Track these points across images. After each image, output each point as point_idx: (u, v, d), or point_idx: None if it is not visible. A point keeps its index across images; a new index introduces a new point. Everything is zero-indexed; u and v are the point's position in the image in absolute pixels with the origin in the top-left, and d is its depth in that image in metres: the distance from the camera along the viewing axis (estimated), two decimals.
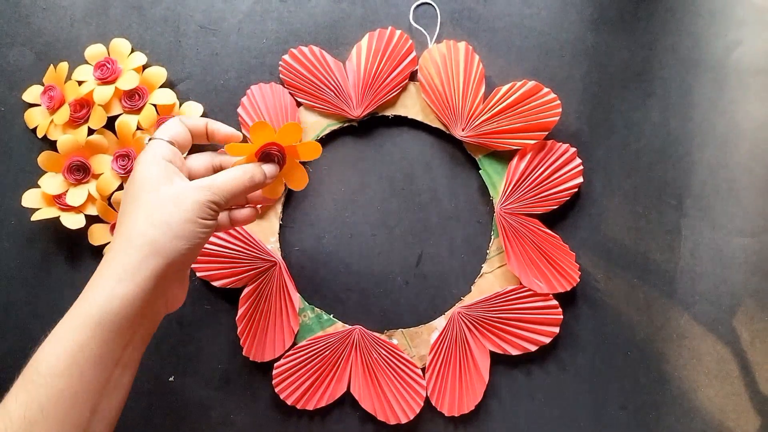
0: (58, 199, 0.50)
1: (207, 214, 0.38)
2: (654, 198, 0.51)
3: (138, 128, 0.50)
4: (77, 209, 0.50)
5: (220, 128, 0.44)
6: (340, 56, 0.52)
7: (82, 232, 0.50)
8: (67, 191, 0.50)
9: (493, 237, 0.51)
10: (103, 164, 0.50)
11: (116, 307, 0.35)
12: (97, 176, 0.50)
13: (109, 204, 0.50)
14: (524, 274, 0.49)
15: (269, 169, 0.42)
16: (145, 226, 0.36)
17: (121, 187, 0.50)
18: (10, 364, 0.52)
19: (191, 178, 0.41)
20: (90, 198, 0.50)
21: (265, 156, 0.42)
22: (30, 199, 0.50)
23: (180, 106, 0.52)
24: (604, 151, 0.52)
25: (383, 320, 0.52)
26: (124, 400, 0.37)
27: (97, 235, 0.51)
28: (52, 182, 0.50)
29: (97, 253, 0.51)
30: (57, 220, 0.49)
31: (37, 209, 0.50)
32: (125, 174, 0.50)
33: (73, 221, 0.49)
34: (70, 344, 0.34)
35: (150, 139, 0.41)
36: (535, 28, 0.52)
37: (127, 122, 0.50)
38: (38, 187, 0.51)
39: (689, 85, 0.52)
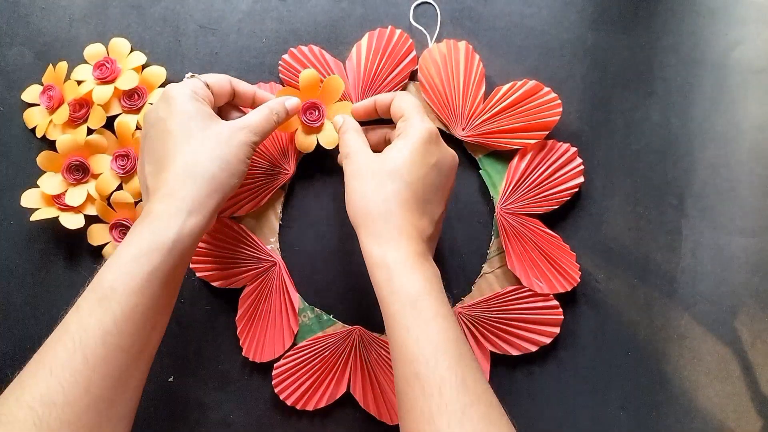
0: (57, 199, 0.50)
1: (250, 152, 0.42)
2: (655, 198, 0.51)
3: (137, 128, 0.50)
4: (76, 209, 0.50)
5: (266, 96, 0.47)
6: (340, 56, 0.52)
7: (81, 232, 0.50)
8: (66, 191, 0.50)
9: (493, 237, 0.51)
10: (103, 164, 0.50)
11: (186, 236, 0.37)
12: (96, 176, 0.50)
13: (109, 204, 0.50)
14: (524, 275, 0.49)
15: (291, 102, 0.46)
16: (208, 161, 0.39)
17: (120, 187, 0.50)
18: (9, 363, 0.51)
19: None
20: (89, 198, 0.50)
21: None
22: (29, 199, 0.50)
23: None
24: (604, 150, 0.52)
25: (383, 320, 0.51)
26: (157, 343, 0.39)
27: (97, 235, 0.50)
28: (51, 182, 0.50)
29: (96, 253, 0.51)
30: (56, 220, 0.49)
31: (36, 209, 0.50)
32: (125, 174, 0.50)
33: (72, 221, 0.49)
34: (145, 267, 0.36)
35: (191, 76, 0.43)
36: (535, 28, 0.52)
37: (126, 122, 0.50)
38: (37, 187, 0.50)
39: (690, 84, 0.52)
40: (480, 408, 0.33)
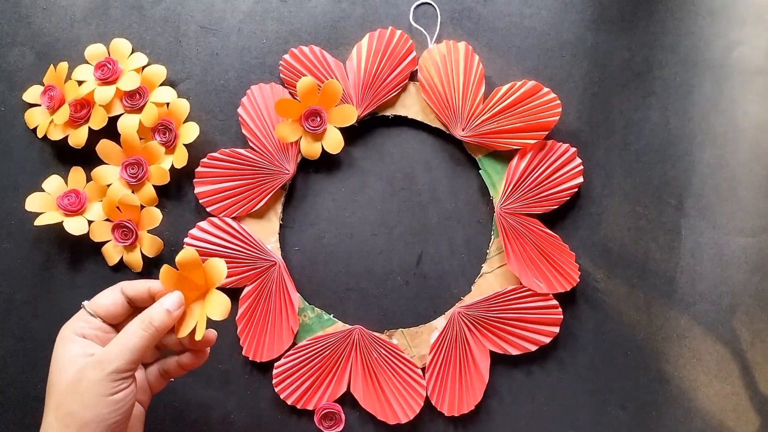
0: (61, 203, 0.50)
1: (111, 388, 0.36)
2: (654, 198, 0.51)
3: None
4: (79, 213, 0.50)
5: (161, 289, 0.41)
6: (340, 56, 0.52)
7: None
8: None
9: (493, 237, 0.51)
10: (110, 174, 0.51)
11: None
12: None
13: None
14: (524, 274, 0.49)
15: (171, 300, 0.39)
16: (54, 420, 0.36)
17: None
18: (10, 363, 0.52)
19: (144, 388, 0.42)
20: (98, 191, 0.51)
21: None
22: (33, 202, 0.50)
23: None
24: (604, 150, 0.52)
25: (383, 320, 0.52)
26: None
27: (99, 231, 0.50)
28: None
29: (97, 251, 0.51)
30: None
31: (41, 213, 0.50)
32: (136, 182, 0.50)
33: (75, 227, 0.50)
34: None
35: (82, 306, 0.41)
36: (535, 28, 0.52)
37: (132, 124, 0.50)
38: (42, 189, 0.51)
39: (689, 84, 0.52)
40: None
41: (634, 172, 0.52)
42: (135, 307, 0.42)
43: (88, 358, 0.37)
